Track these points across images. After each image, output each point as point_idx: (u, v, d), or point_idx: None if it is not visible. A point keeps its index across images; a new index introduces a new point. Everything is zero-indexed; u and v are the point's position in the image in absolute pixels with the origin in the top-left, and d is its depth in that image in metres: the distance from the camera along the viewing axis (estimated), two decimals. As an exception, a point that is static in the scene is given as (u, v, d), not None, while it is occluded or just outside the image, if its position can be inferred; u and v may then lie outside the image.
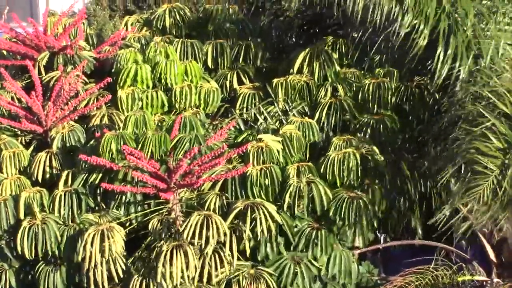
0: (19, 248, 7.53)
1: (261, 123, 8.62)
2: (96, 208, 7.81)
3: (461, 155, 7.17)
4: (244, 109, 8.98)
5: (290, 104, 8.86)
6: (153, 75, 8.89)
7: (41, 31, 9.67)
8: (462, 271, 8.15)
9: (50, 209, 7.76)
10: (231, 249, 7.19)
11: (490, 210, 7.08)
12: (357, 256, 8.53)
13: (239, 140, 8.32)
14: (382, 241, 9.36)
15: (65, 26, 9.95)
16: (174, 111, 8.79)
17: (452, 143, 7.37)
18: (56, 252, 7.55)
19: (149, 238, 7.49)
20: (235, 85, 9.36)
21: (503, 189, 6.97)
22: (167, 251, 7.05)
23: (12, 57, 9.79)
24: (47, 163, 8.15)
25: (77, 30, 10.00)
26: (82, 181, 7.81)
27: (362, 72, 9.15)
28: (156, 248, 7.27)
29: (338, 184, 7.98)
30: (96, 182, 7.69)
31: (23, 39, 9.70)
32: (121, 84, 8.79)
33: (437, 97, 8.57)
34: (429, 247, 8.51)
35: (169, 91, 8.86)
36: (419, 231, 8.91)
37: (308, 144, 8.40)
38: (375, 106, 8.75)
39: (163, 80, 8.86)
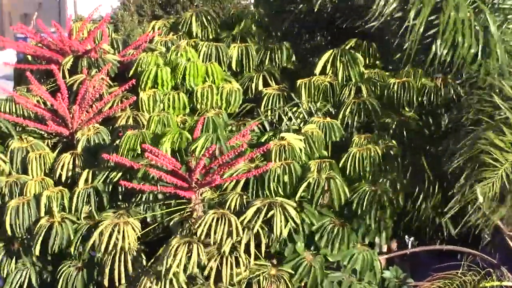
0: (37, 247, 7.58)
1: (285, 124, 8.57)
2: (117, 207, 7.79)
3: (472, 145, 6.98)
4: (269, 111, 8.93)
5: (314, 105, 8.80)
6: (174, 77, 8.91)
7: (65, 36, 9.71)
8: (490, 277, 8.01)
9: (69, 207, 7.79)
10: (248, 248, 7.12)
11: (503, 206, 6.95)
12: (384, 261, 8.43)
13: (262, 140, 8.28)
14: (410, 246, 9.27)
15: (90, 30, 9.98)
16: (197, 112, 8.78)
17: (465, 134, 7.22)
18: (72, 250, 7.57)
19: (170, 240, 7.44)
20: (261, 87, 9.31)
21: None
22: (174, 245, 7.02)
23: (37, 62, 9.84)
24: (71, 163, 8.18)
25: (102, 34, 10.02)
26: (103, 179, 7.82)
27: (387, 72, 9.08)
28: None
29: (353, 177, 7.93)
30: (117, 180, 7.68)
31: (48, 43, 9.78)
32: (143, 86, 8.84)
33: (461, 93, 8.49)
34: (457, 252, 8.38)
35: (191, 92, 8.87)
36: (452, 231, 8.75)
37: (331, 144, 8.32)
38: (400, 106, 8.69)
39: (186, 81, 8.85)
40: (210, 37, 10.19)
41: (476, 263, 8.15)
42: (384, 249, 8.59)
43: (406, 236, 9.23)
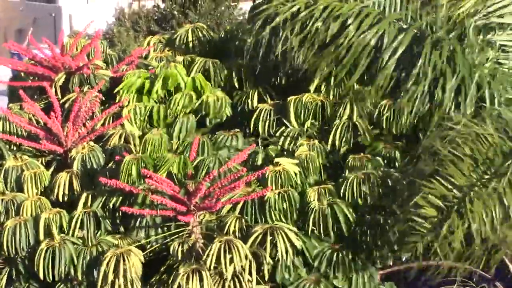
0: (36, 270, 7.50)
1: (275, 142, 8.59)
2: (116, 230, 7.80)
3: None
4: (260, 127, 8.92)
5: (301, 124, 8.77)
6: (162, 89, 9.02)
7: (57, 52, 9.69)
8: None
9: (68, 231, 7.75)
10: (250, 273, 7.14)
11: None
12: (379, 277, 8.44)
13: (256, 162, 8.28)
14: (404, 261, 9.25)
15: (82, 46, 9.96)
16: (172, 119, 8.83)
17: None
18: (72, 273, 7.51)
19: (168, 261, 7.46)
20: (255, 103, 9.27)
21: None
22: (183, 274, 7.03)
23: (30, 79, 9.81)
24: (67, 183, 8.16)
25: (94, 50, 9.99)
26: (101, 203, 7.82)
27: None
28: (174, 271, 7.24)
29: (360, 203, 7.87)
30: (116, 205, 7.69)
31: (40, 60, 9.75)
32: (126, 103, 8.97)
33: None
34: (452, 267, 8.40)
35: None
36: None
37: (322, 166, 8.31)
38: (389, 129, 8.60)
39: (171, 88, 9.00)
40: (205, 52, 10.11)
41: (471, 279, 8.20)
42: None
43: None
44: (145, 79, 9.05)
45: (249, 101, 9.30)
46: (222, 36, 10.43)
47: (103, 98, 9.23)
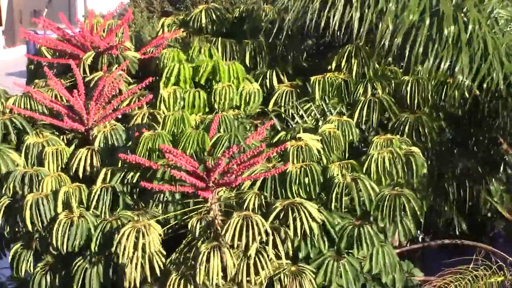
0: (54, 242, 7.57)
1: (297, 122, 8.57)
2: (135, 206, 7.82)
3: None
4: (282, 108, 8.93)
5: (328, 102, 8.79)
6: (197, 75, 8.91)
7: (87, 31, 9.79)
8: (501, 271, 8.05)
9: (87, 205, 7.81)
10: (274, 249, 7.17)
11: None
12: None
13: (276, 139, 8.29)
14: (420, 241, 9.29)
15: (111, 27, 10.06)
16: (215, 111, 8.73)
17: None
18: (92, 247, 7.55)
19: (188, 238, 7.48)
20: (275, 83, 9.28)
21: None
22: (205, 252, 7.06)
23: (57, 56, 9.93)
24: (88, 159, 8.22)
25: (123, 31, 10.08)
26: (120, 179, 7.85)
27: (402, 70, 9.03)
28: (195, 248, 7.28)
29: (384, 184, 7.87)
30: (135, 180, 7.74)
31: (69, 38, 9.85)
32: (165, 83, 8.83)
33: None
34: (469, 247, 8.42)
35: (210, 91, 8.86)
36: (463, 227, 8.77)
37: (346, 144, 8.31)
38: (414, 104, 8.64)
39: (203, 79, 8.85)
40: (220, 33, 10.11)
41: (487, 258, 8.20)
42: (395, 243, 8.61)
43: (418, 232, 9.27)
44: (181, 64, 8.93)
45: (267, 81, 9.31)
46: (237, 16, 10.39)
47: (131, 80, 9.31)
